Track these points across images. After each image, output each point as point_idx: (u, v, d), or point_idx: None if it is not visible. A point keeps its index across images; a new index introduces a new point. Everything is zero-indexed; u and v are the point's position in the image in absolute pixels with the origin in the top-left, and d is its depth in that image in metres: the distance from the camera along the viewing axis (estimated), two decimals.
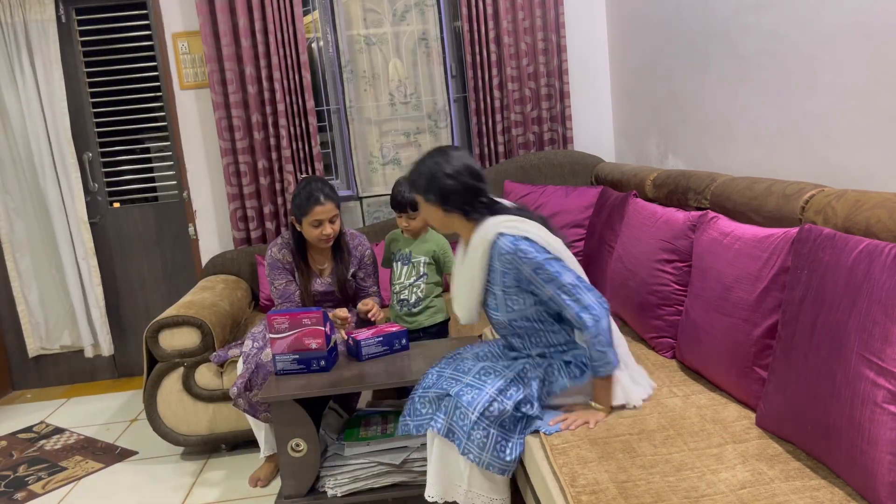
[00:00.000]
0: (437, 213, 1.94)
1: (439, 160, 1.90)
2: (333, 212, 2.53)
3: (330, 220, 2.53)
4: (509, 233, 1.83)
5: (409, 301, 2.64)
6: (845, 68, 1.92)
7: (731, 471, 1.53)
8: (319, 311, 2.30)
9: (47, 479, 2.88)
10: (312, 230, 2.53)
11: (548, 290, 1.81)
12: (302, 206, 2.51)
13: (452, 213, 1.92)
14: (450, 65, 3.70)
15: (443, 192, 1.89)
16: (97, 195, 3.88)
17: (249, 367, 2.49)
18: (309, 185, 2.53)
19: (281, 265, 2.66)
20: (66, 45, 3.71)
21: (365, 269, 2.74)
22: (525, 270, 1.82)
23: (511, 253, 1.82)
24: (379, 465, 2.28)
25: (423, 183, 1.92)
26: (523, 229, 1.84)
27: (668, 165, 3.11)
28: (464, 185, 1.88)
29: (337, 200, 2.55)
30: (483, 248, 1.86)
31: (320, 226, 2.52)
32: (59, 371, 4.04)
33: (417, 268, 2.64)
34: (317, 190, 2.50)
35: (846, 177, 1.95)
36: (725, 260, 1.92)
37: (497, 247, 1.84)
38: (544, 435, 1.79)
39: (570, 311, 1.80)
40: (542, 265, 1.80)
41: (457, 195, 1.89)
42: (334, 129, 3.73)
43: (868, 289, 1.39)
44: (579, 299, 1.78)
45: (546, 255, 1.81)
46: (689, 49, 2.79)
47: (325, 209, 2.50)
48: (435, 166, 1.90)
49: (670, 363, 2.17)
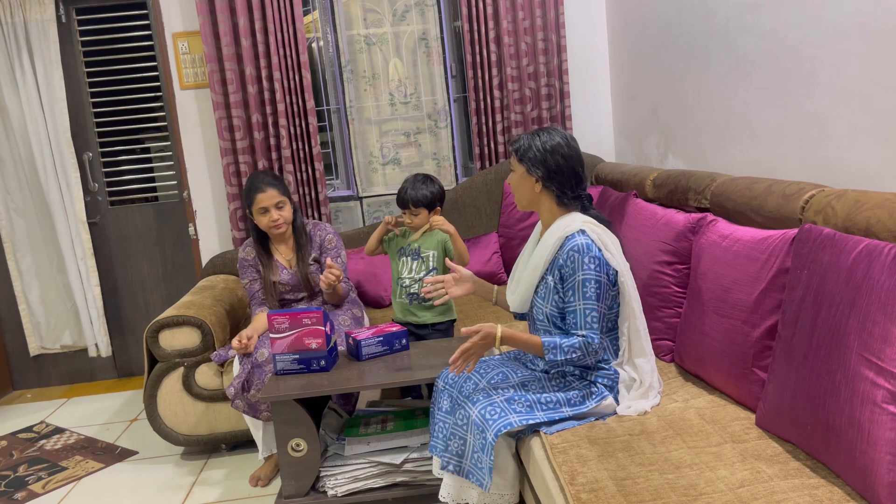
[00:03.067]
0: (530, 188, 1.94)
1: (560, 140, 1.91)
2: (277, 198, 2.64)
3: (276, 206, 2.64)
4: (591, 235, 1.85)
5: (418, 294, 2.66)
6: (845, 68, 1.92)
7: (729, 469, 1.53)
8: (320, 311, 2.31)
9: (47, 478, 2.88)
10: (262, 218, 2.65)
11: (579, 303, 1.83)
12: (247, 196, 2.66)
13: (546, 192, 1.92)
14: (450, 65, 3.70)
15: (550, 168, 1.89)
16: (97, 195, 3.88)
17: (246, 367, 2.49)
18: (252, 178, 2.69)
19: (247, 263, 2.76)
20: (66, 45, 3.71)
21: (327, 252, 2.78)
22: (577, 276, 1.83)
23: (579, 253, 1.82)
24: (379, 464, 2.28)
25: (533, 153, 1.90)
26: (604, 241, 1.86)
27: (668, 165, 3.11)
28: (572, 169, 1.90)
29: (280, 187, 2.67)
30: (559, 235, 1.87)
31: (267, 212, 2.64)
32: (60, 371, 4.04)
33: (427, 262, 2.67)
34: (258, 180, 2.66)
35: (846, 177, 1.95)
36: (724, 262, 1.92)
37: (572, 240, 1.84)
38: (544, 434, 1.79)
39: (578, 327, 1.83)
40: (592, 281, 1.82)
41: (562, 176, 1.89)
42: (334, 128, 3.73)
43: (868, 289, 1.39)
44: (592, 327, 1.82)
45: (603, 277, 1.83)
46: (689, 49, 2.79)
47: (266, 195, 2.62)
48: (554, 142, 1.90)
49: (669, 367, 2.17)
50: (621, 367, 1.93)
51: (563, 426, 1.83)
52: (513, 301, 2.03)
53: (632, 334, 1.91)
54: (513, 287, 2.05)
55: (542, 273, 1.92)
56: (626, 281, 1.88)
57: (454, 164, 3.77)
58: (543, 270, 1.92)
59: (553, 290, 1.89)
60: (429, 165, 3.74)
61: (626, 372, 1.92)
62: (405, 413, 2.49)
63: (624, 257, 1.90)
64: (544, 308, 1.92)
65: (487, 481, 1.76)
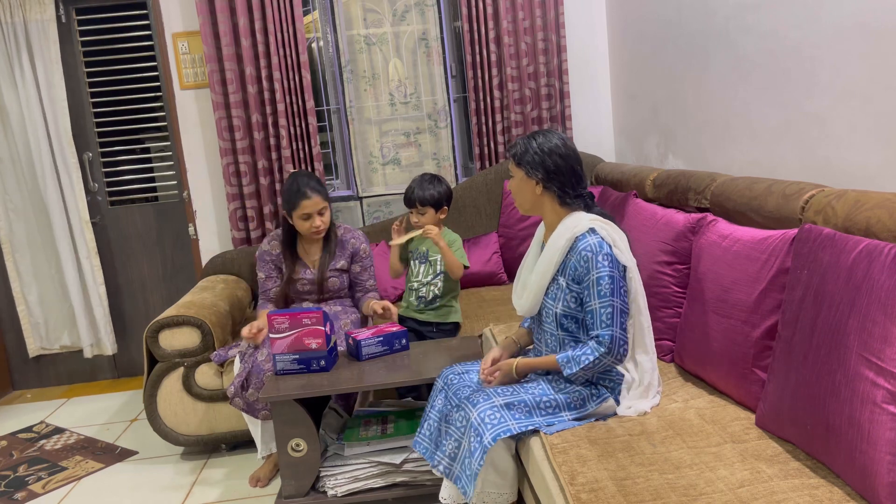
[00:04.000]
0: (531, 191, 1.94)
1: (557, 141, 1.91)
2: (321, 204, 2.62)
3: (319, 213, 2.63)
4: (601, 233, 1.85)
5: (426, 298, 2.71)
6: (845, 68, 1.92)
7: (729, 469, 1.53)
8: (320, 312, 2.31)
9: (47, 478, 2.88)
10: (302, 223, 2.63)
11: (594, 302, 1.82)
12: (291, 201, 2.61)
13: (548, 193, 1.92)
14: (450, 65, 3.70)
15: (549, 170, 1.89)
16: (97, 195, 3.88)
17: (246, 367, 2.49)
18: (296, 180, 2.63)
19: (268, 257, 2.75)
20: (66, 45, 3.71)
21: (361, 263, 2.78)
22: (591, 275, 1.82)
23: (592, 253, 1.82)
24: (379, 465, 2.28)
25: (531, 157, 1.91)
26: (613, 238, 1.86)
27: (668, 165, 3.11)
28: (571, 169, 1.90)
29: (324, 193, 2.64)
30: (568, 236, 1.87)
31: (309, 218, 2.62)
32: (59, 371, 4.04)
33: (434, 266, 2.70)
34: (304, 184, 2.60)
35: (846, 177, 1.95)
36: (724, 262, 1.92)
37: (584, 240, 1.84)
38: (544, 434, 1.79)
39: (594, 327, 1.82)
40: (605, 278, 1.81)
41: (562, 176, 1.89)
42: (334, 129, 3.73)
43: (868, 289, 1.39)
44: (610, 326, 1.81)
45: (617, 273, 1.83)
46: (689, 49, 2.79)
47: (312, 202, 2.59)
48: (551, 144, 1.90)
49: (669, 367, 2.17)
50: (624, 367, 1.93)
51: (562, 426, 1.83)
52: (521, 306, 2.02)
53: (636, 330, 1.92)
54: (519, 292, 2.04)
55: (553, 275, 1.91)
56: (634, 276, 1.88)
57: (454, 164, 3.77)
58: (554, 272, 1.91)
59: (566, 290, 1.88)
60: (429, 165, 3.74)
61: (629, 373, 1.92)
62: (405, 413, 2.49)
63: (631, 253, 1.90)
64: (554, 308, 1.91)
65: (470, 490, 1.76)
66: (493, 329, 2.59)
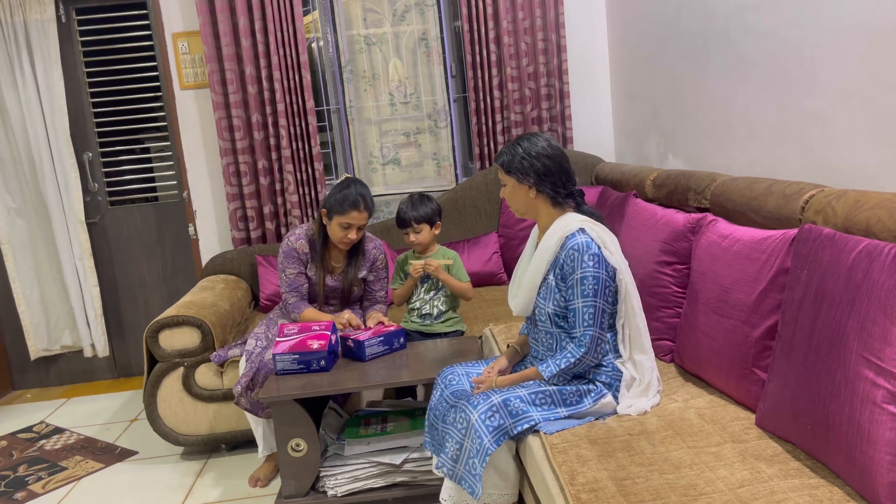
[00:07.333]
0: (525, 196, 1.95)
1: (542, 143, 1.93)
2: (364, 221, 2.56)
3: (359, 228, 2.56)
4: (590, 234, 1.87)
5: (431, 315, 2.67)
6: (845, 68, 1.92)
7: (729, 469, 1.53)
8: (330, 323, 2.38)
9: (47, 478, 2.88)
10: (339, 231, 2.55)
11: (577, 301, 1.85)
12: (341, 205, 2.52)
13: (541, 196, 1.94)
14: (450, 65, 3.70)
15: (539, 172, 1.91)
16: (97, 195, 3.88)
17: (253, 366, 2.49)
18: (354, 188, 2.54)
19: (296, 255, 2.65)
20: (66, 45, 3.71)
21: (376, 273, 2.75)
22: (576, 274, 1.84)
23: (578, 252, 1.84)
24: (379, 464, 2.28)
25: (519, 163, 1.92)
26: (603, 239, 1.88)
27: (668, 165, 3.11)
28: (560, 167, 1.92)
29: (372, 211, 2.58)
30: (560, 235, 1.89)
31: (348, 228, 2.54)
32: (59, 371, 4.04)
33: (435, 282, 2.65)
34: (359, 195, 2.52)
35: (846, 177, 1.95)
36: (724, 262, 1.92)
37: (573, 238, 1.86)
38: (544, 434, 1.79)
39: (575, 325, 1.85)
40: (590, 278, 1.83)
41: (552, 177, 1.91)
42: (334, 129, 3.73)
43: (868, 289, 1.39)
44: (591, 326, 1.84)
45: (602, 274, 1.84)
46: (689, 49, 2.79)
47: (360, 216, 2.53)
48: (537, 147, 1.92)
49: (669, 367, 2.17)
50: (623, 364, 1.93)
51: (562, 426, 1.83)
52: (515, 305, 2.04)
53: (632, 331, 1.92)
54: (514, 291, 2.06)
55: (544, 273, 1.93)
56: (625, 278, 1.89)
57: (454, 164, 3.77)
58: (545, 271, 1.93)
59: (554, 288, 1.90)
60: (429, 165, 3.74)
61: (627, 370, 1.92)
62: (405, 413, 2.49)
63: (622, 255, 1.91)
64: (546, 307, 1.93)
65: (478, 489, 1.76)
66: (493, 329, 2.59)
